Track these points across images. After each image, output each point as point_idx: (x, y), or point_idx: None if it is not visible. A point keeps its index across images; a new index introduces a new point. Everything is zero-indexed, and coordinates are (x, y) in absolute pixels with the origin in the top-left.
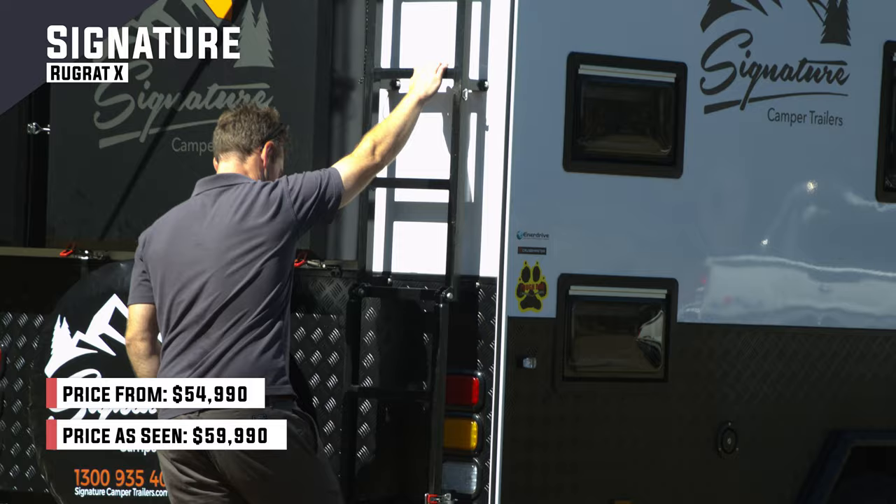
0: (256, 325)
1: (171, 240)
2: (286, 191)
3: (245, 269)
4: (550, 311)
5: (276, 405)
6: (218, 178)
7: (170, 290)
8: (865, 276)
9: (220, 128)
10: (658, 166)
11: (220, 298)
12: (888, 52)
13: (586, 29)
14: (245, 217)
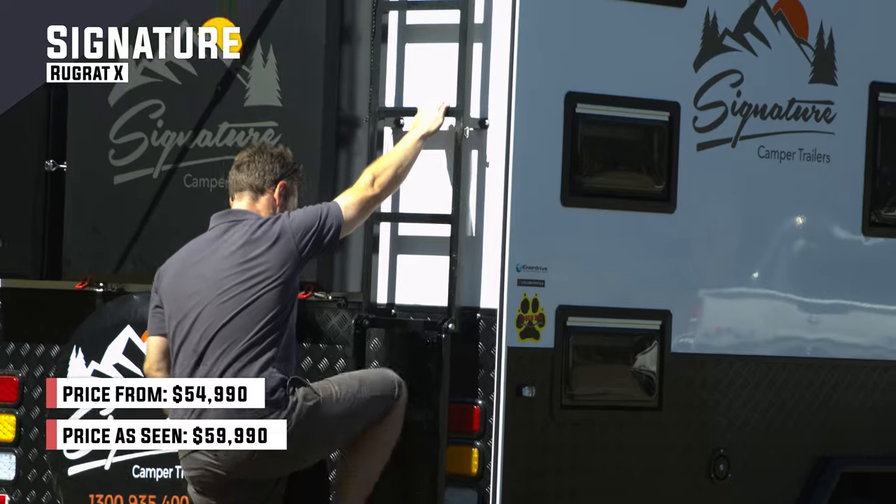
0: (250, 349)
1: (178, 272)
2: (287, 223)
3: (240, 296)
4: (549, 342)
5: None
6: (228, 214)
7: (173, 321)
8: (853, 308)
9: (236, 168)
10: (652, 202)
11: (213, 327)
12: (873, 91)
13: (583, 69)
14: (247, 249)
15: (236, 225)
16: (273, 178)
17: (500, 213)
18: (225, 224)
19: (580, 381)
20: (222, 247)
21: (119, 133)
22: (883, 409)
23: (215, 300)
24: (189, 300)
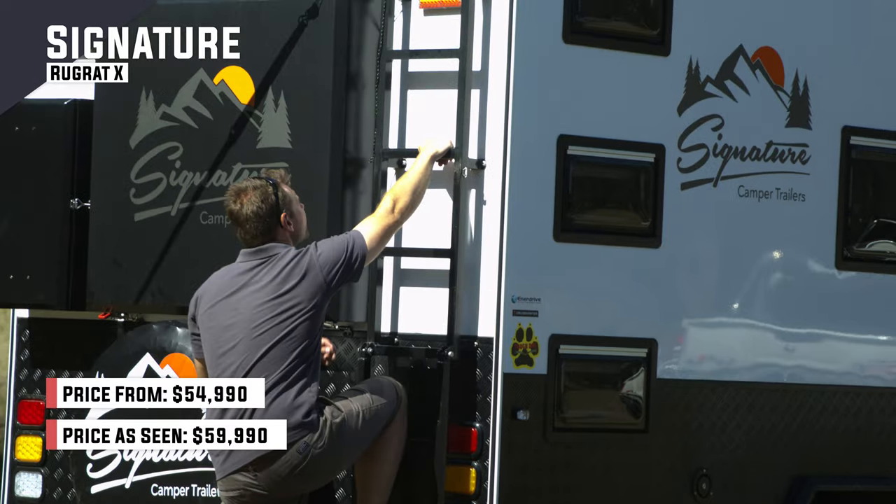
0: (284, 378)
1: (211, 305)
2: (314, 257)
3: (273, 330)
4: (542, 368)
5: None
6: (258, 252)
7: (210, 352)
8: (826, 337)
9: (235, 224)
10: (639, 237)
11: (248, 360)
12: (845, 135)
13: (574, 113)
14: (278, 284)
15: (268, 261)
16: (274, 219)
17: (496, 247)
18: (257, 261)
19: (571, 406)
20: (255, 281)
21: (139, 173)
22: (854, 432)
23: (250, 334)
24: (225, 332)
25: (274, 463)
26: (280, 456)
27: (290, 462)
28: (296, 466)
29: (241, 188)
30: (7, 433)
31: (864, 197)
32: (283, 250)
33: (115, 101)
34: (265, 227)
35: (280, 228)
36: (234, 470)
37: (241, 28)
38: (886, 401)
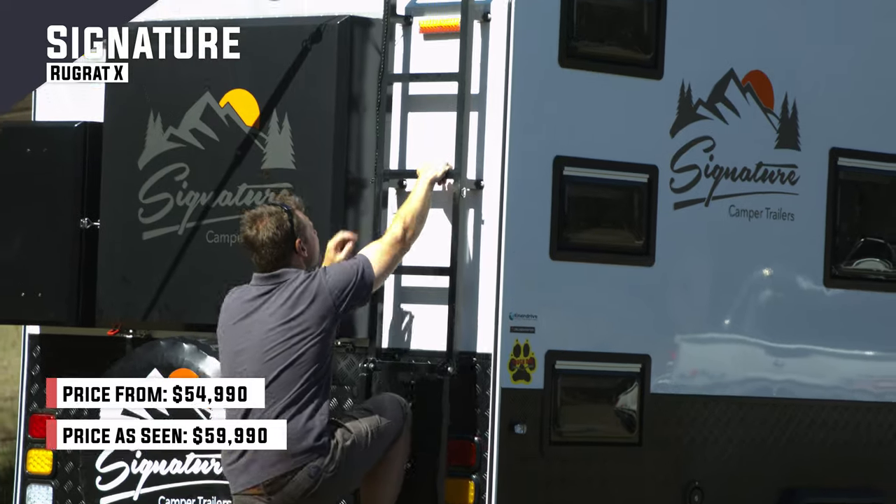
0: (294, 402)
1: (227, 327)
2: (324, 281)
3: (284, 354)
4: (539, 383)
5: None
6: (271, 278)
7: (226, 371)
8: (814, 353)
9: (251, 250)
10: (633, 256)
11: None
12: (833, 156)
13: (570, 135)
14: (289, 309)
15: (278, 288)
16: (289, 245)
17: (494, 266)
18: (268, 286)
19: (567, 420)
20: (266, 306)
21: (147, 193)
22: (842, 446)
23: (261, 358)
24: (238, 356)
25: (286, 486)
26: (292, 479)
27: (301, 486)
28: (307, 490)
29: (257, 214)
30: (18, 446)
31: (850, 216)
32: (293, 275)
33: (124, 123)
34: (280, 252)
35: (294, 254)
36: (247, 488)
37: (246, 52)
38: (873, 415)
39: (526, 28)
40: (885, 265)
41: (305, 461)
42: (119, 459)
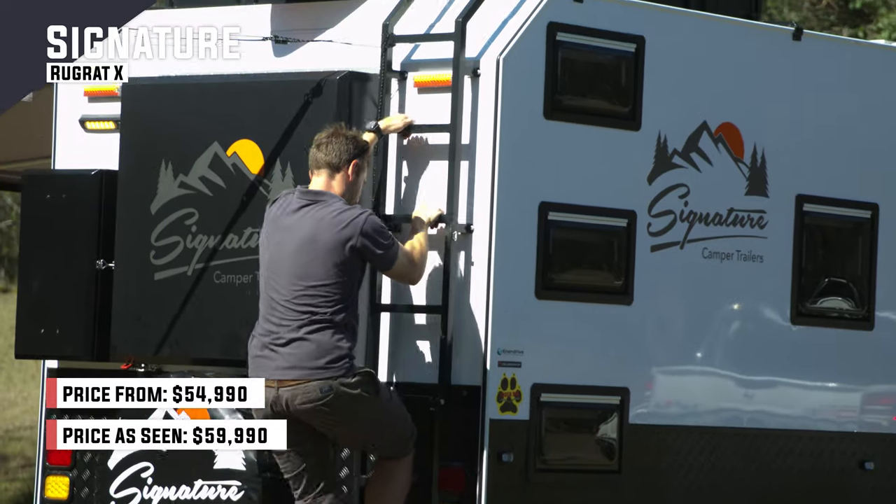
0: (324, 317)
1: (267, 234)
2: (357, 237)
3: (313, 269)
4: (525, 415)
5: (328, 370)
6: (310, 193)
7: (262, 275)
8: (782, 385)
9: (315, 147)
10: (613, 295)
11: (287, 291)
12: (799, 202)
13: (554, 182)
14: (316, 236)
15: (315, 205)
16: (347, 158)
17: (483, 304)
18: (307, 201)
19: (552, 449)
20: (302, 224)
21: (159, 237)
22: (809, 472)
23: (291, 270)
24: (271, 264)
25: (295, 390)
26: (303, 386)
27: (308, 396)
28: (312, 401)
29: (341, 127)
30: (37, 472)
31: (815, 258)
32: (333, 199)
33: (138, 171)
34: (339, 158)
35: (344, 172)
36: (265, 378)
37: (252, 105)
38: (836, 443)
39: (513, 83)
40: (847, 304)
41: (320, 375)
42: (132, 486)
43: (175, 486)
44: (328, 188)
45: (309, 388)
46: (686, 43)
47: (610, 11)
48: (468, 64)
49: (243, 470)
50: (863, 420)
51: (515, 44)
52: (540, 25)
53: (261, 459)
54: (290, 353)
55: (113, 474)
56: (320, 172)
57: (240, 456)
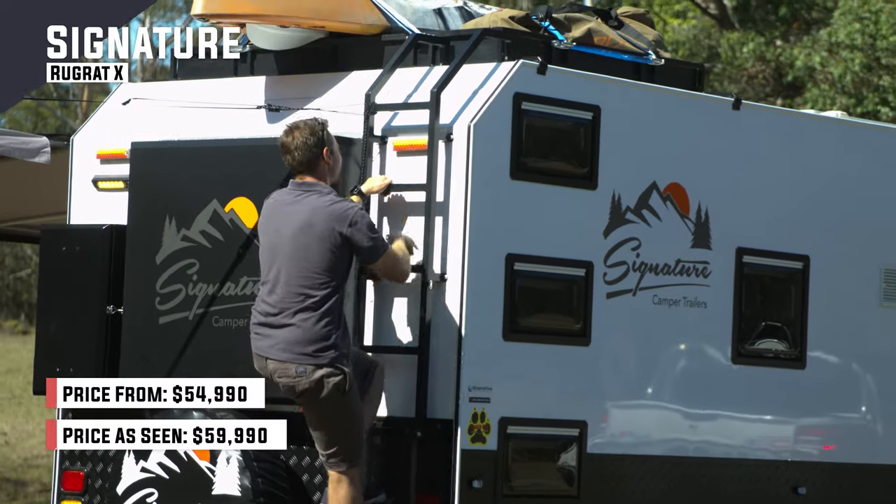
0: (313, 305)
1: (264, 224)
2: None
3: (306, 256)
4: (493, 445)
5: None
6: (304, 185)
7: (264, 268)
8: (723, 418)
9: (285, 153)
10: (572, 337)
11: (284, 275)
12: (739, 254)
13: (520, 236)
14: (311, 222)
15: (311, 194)
16: (318, 151)
17: (455, 345)
18: (301, 192)
19: (517, 476)
20: (294, 212)
21: (163, 285)
22: (748, 497)
23: (290, 255)
24: (271, 251)
25: (276, 368)
26: (283, 366)
27: (286, 372)
28: (286, 376)
29: (294, 125)
30: (53, 497)
31: (753, 304)
32: (324, 189)
33: (144, 225)
34: (311, 156)
35: (322, 161)
36: (256, 352)
37: (247, 166)
38: (772, 471)
39: (483, 147)
40: (781, 345)
41: (303, 361)
42: None
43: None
44: (315, 178)
45: (288, 367)
46: (638, 111)
47: (570, 83)
48: (442, 130)
49: (239, 495)
50: (796, 449)
51: (485, 112)
52: (507, 95)
53: (255, 485)
54: (283, 337)
55: (121, 499)
56: (303, 176)
57: (236, 483)
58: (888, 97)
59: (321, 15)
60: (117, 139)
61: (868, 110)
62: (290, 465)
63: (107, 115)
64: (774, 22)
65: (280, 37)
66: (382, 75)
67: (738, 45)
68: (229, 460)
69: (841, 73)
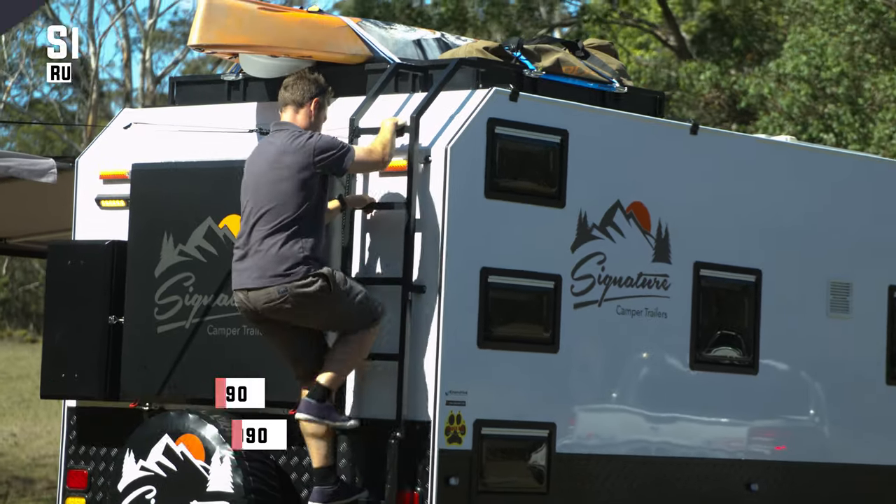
0: (280, 230)
1: (247, 160)
2: (313, 141)
3: (273, 190)
4: (468, 445)
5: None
6: (278, 124)
7: (242, 200)
8: (683, 420)
9: (283, 88)
10: (542, 345)
11: (255, 210)
12: (696, 268)
13: (493, 251)
14: (281, 156)
15: (279, 133)
16: (310, 96)
17: (434, 353)
18: (274, 130)
19: (491, 474)
20: (267, 150)
21: (161, 296)
22: (705, 493)
23: (259, 189)
24: (247, 189)
25: (259, 295)
26: (264, 290)
27: (270, 296)
28: (272, 301)
29: (301, 73)
30: (59, 493)
31: (710, 314)
32: (295, 128)
33: (144, 241)
34: (300, 97)
35: (307, 106)
36: (237, 288)
37: (237, 185)
38: (727, 469)
39: (459, 168)
40: (736, 352)
41: (277, 283)
42: None
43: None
44: (293, 121)
45: (270, 291)
46: (603, 135)
47: (539, 109)
48: (421, 152)
49: (232, 492)
50: (749, 449)
51: (461, 136)
52: (481, 121)
53: (247, 483)
54: (257, 265)
55: (122, 496)
56: (286, 109)
57: (229, 480)
58: (832, 124)
59: (309, 45)
60: (119, 161)
61: (812, 136)
62: (279, 464)
63: (109, 139)
64: (729, 53)
65: (270, 66)
66: (366, 101)
67: (696, 74)
68: (223, 459)
69: (788, 103)
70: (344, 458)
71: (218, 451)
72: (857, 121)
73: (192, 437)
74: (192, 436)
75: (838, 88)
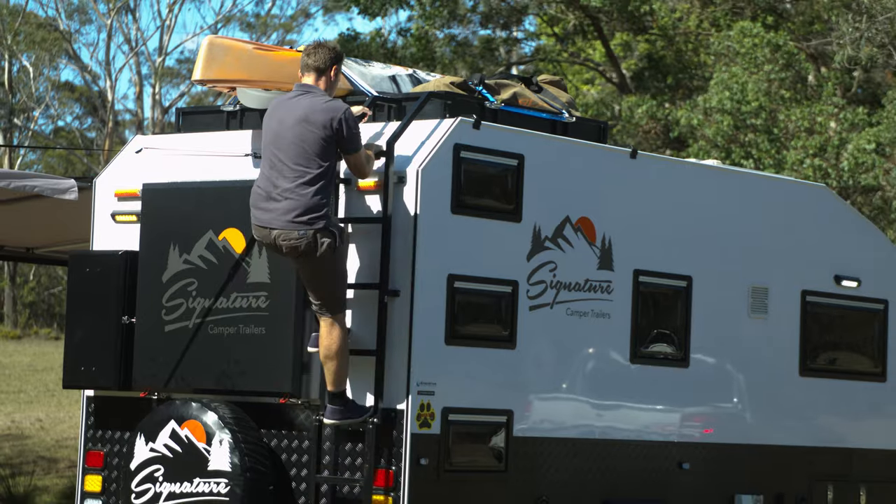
0: (308, 182)
1: (269, 116)
2: (337, 119)
3: (301, 143)
4: (437, 429)
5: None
6: (304, 86)
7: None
8: (624, 407)
9: (305, 55)
10: (501, 342)
11: (281, 161)
12: (636, 275)
13: (459, 259)
14: (308, 116)
15: (306, 95)
16: (330, 63)
17: (406, 349)
18: (301, 91)
19: (457, 455)
20: (297, 107)
21: (168, 299)
22: (642, 470)
23: (290, 139)
24: (276, 136)
25: (280, 234)
26: (286, 231)
27: (290, 235)
28: (291, 239)
29: (320, 41)
30: (79, 472)
31: (647, 315)
32: (321, 92)
33: (153, 251)
34: (322, 63)
35: (328, 72)
36: (258, 224)
37: (237, 203)
38: (661, 450)
39: (428, 187)
40: (670, 348)
41: (298, 227)
42: (147, 482)
43: (179, 482)
44: (315, 84)
45: (290, 232)
46: (555, 159)
47: (499, 136)
48: (396, 173)
49: (230, 470)
50: (681, 433)
51: (430, 159)
52: (448, 146)
53: (243, 462)
54: (285, 207)
55: (133, 473)
56: (309, 74)
57: (227, 460)
58: (751, 150)
59: (297, 80)
60: (132, 181)
61: (735, 161)
62: (271, 446)
63: (123, 162)
64: (664, 88)
65: (265, 98)
66: None
67: (635, 106)
68: (222, 442)
69: (714, 133)
70: (328, 441)
71: (218, 434)
72: (773, 148)
73: (196, 423)
74: (195, 421)
75: (757, 120)
